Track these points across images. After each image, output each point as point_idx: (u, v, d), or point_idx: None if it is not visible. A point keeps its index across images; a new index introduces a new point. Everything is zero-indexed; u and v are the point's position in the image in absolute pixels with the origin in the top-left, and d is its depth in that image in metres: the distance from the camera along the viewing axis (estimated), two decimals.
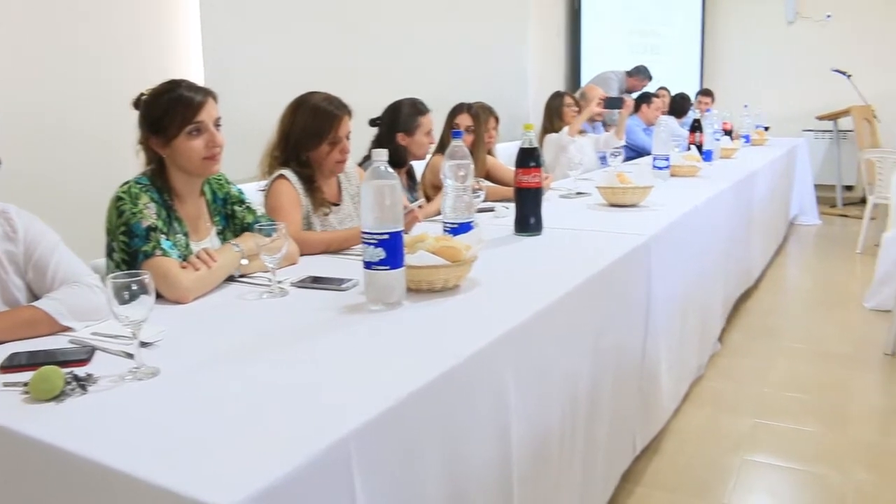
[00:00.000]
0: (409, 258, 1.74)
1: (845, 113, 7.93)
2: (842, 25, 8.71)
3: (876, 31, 8.55)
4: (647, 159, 4.69)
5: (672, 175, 4.06)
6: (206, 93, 2.03)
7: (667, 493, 2.66)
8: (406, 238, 1.80)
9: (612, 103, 5.34)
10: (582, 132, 5.31)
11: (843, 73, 8.07)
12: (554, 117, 5.27)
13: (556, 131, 5.15)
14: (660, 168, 3.90)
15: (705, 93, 7.93)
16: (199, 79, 3.59)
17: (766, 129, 7.11)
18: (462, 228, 2.08)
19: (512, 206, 2.60)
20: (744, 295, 4.73)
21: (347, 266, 2.14)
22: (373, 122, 3.35)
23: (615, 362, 2.30)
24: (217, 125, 2.03)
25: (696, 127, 4.68)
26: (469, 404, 1.45)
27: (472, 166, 2.13)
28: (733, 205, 4.07)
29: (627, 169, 3.77)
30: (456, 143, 2.15)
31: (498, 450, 1.57)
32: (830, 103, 8.20)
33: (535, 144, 2.46)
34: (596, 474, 2.26)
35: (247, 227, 2.18)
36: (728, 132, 6.27)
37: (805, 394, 3.44)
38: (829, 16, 8.78)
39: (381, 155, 1.67)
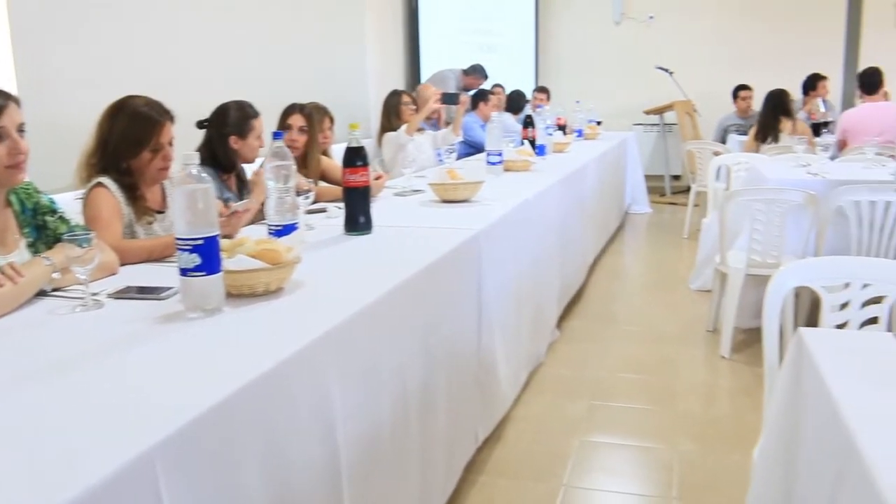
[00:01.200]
0: (228, 262, 1.70)
1: (669, 107, 8.43)
2: (664, 26, 9.24)
3: (694, 32, 9.12)
4: (483, 155, 4.79)
5: (506, 170, 4.16)
6: (7, 97, 1.91)
7: (509, 479, 2.73)
8: (225, 242, 1.76)
9: (449, 99, 5.43)
10: (420, 130, 5.37)
11: (666, 70, 8.57)
12: (392, 116, 5.30)
13: (395, 130, 5.19)
14: (493, 163, 4.00)
15: (540, 90, 8.21)
16: (10, 83, 3.36)
17: (599, 123, 7.44)
18: (286, 230, 2.06)
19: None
20: (581, 282, 4.93)
21: (171, 274, 2.07)
22: (200, 125, 3.24)
23: (449, 356, 2.34)
24: (21, 131, 1.91)
25: (528, 123, 4.83)
26: (290, 406, 1.43)
27: (294, 167, 2.11)
28: (565, 196, 4.23)
29: (461, 165, 3.85)
30: (277, 144, 2.13)
31: (324, 450, 1.56)
32: (656, 98, 8.69)
33: (362, 143, 2.46)
34: (436, 467, 2.29)
35: (60, 238, 2.06)
36: (562, 127, 6.52)
37: (638, 374, 3.63)
38: (651, 17, 9.28)
39: (192, 158, 1.62)
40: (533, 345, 3.51)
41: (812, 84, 6.91)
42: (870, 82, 5.95)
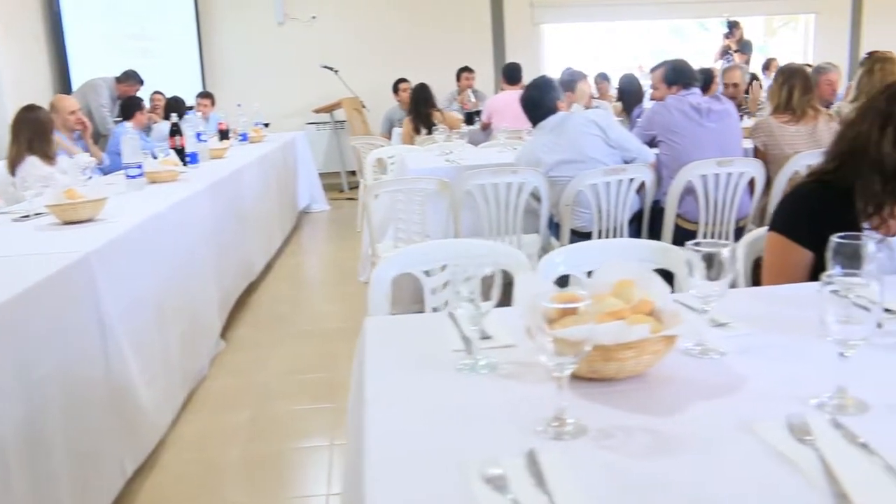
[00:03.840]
0: None
1: (337, 105, 8.59)
2: (326, 25, 9.34)
3: (355, 30, 9.34)
4: None
5: (152, 182, 3.95)
6: None
7: None
8: None
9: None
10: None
11: (331, 69, 8.70)
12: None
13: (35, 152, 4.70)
14: (132, 177, 3.77)
15: (204, 95, 7.96)
16: None
17: (266, 125, 7.36)
18: None
19: None
20: (251, 288, 4.85)
21: None
22: None
23: (65, 390, 2.16)
24: None
25: (175, 131, 4.62)
26: None
27: None
28: (218, 203, 4.12)
29: (85, 182, 3.56)
30: None
31: None
32: (325, 97, 8.79)
33: None
34: None
35: None
36: (224, 132, 6.36)
37: (303, 374, 3.63)
38: (314, 17, 9.34)
39: None
40: (190, 361, 3.37)
41: (458, 76, 7.43)
42: (511, 75, 6.91)
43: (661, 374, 1.20)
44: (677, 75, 3.94)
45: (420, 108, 6.32)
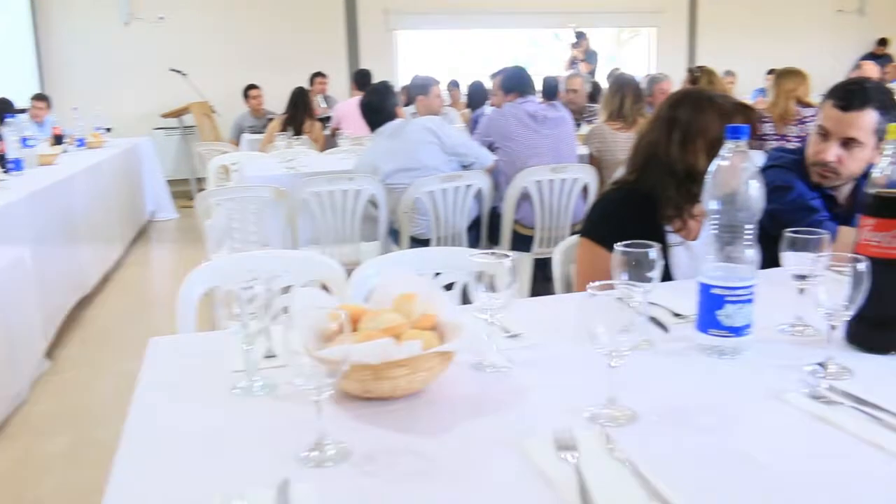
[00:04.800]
0: None
1: (186, 110, 8.28)
2: (174, 26, 9.00)
3: (206, 32, 9.07)
4: None
5: None
6: None
7: None
8: None
9: None
10: None
11: (180, 72, 8.39)
12: None
13: None
14: None
15: (39, 97, 7.49)
16: None
17: (108, 130, 7.02)
18: None
19: None
20: (85, 302, 4.59)
21: None
22: None
23: None
24: None
25: None
26: None
27: None
28: (42, 212, 3.88)
29: None
30: None
31: None
32: (174, 101, 8.46)
33: None
34: None
35: None
36: (59, 137, 6.02)
37: (132, 393, 3.44)
38: (161, 17, 8.98)
39: None
40: (5, 384, 3.14)
41: (311, 81, 7.33)
42: (362, 81, 7.00)
43: (443, 391, 1.18)
44: (514, 83, 4.01)
45: (297, 112, 6.25)
